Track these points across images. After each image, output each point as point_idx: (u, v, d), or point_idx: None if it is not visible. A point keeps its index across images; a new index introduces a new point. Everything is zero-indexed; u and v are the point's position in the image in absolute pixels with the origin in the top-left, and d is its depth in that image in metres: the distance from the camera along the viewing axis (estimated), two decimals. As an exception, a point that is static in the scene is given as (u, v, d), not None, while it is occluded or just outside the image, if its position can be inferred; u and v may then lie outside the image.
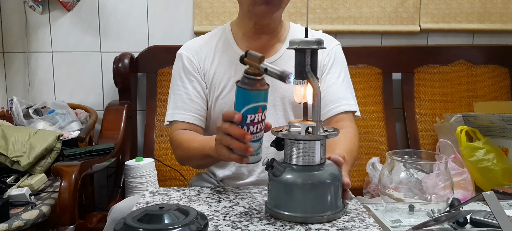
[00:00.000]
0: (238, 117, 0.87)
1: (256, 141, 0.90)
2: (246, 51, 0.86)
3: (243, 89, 0.87)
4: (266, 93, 0.88)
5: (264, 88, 0.87)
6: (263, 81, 0.87)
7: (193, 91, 1.24)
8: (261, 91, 0.87)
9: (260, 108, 0.88)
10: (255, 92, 0.86)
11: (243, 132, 0.87)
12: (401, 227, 0.86)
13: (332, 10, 2.15)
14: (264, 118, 0.90)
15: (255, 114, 0.88)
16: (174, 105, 1.25)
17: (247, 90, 0.86)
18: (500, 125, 1.74)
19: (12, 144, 1.66)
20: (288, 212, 0.83)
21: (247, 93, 0.87)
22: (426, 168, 0.91)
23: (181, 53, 1.28)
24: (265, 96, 0.88)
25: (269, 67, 0.83)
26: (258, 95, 0.87)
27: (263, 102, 0.88)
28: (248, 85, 0.86)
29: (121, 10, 2.13)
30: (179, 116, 1.23)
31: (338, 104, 1.22)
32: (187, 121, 1.23)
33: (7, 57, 2.17)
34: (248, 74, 0.86)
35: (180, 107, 1.24)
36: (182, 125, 1.23)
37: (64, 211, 1.43)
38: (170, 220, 0.73)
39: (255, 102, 0.87)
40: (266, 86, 0.88)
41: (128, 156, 2.02)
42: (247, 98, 0.87)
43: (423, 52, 2.15)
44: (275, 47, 1.26)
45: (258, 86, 0.86)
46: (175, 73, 1.28)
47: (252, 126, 0.88)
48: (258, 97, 0.87)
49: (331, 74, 1.25)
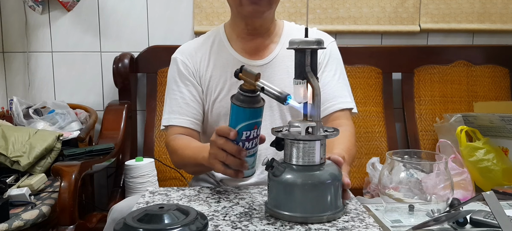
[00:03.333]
0: (234, 134, 0.86)
1: (251, 155, 0.90)
2: (241, 67, 0.84)
3: (238, 107, 0.84)
4: (261, 110, 0.86)
5: (260, 106, 0.85)
6: (258, 97, 0.85)
7: (188, 95, 1.24)
8: (257, 109, 0.85)
9: (255, 124, 0.87)
10: (250, 110, 0.85)
11: (238, 148, 0.87)
12: (401, 227, 0.86)
13: (332, 10, 2.15)
14: (259, 133, 0.89)
15: (250, 131, 0.87)
16: (169, 110, 1.25)
17: (243, 108, 0.84)
18: (500, 125, 1.74)
19: (12, 144, 1.66)
20: (288, 212, 0.83)
21: (242, 111, 0.85)
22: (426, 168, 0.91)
23: (176, 57, 1.27)
24: (260, 113, 0.86)
25: (266, 86, 0.81)
26: (254, 112, 0.85)
27: (258, 119, 0.87)
28: (244, 102, 0.84)
29: (121, 10, 2.13)
30: (175, 120, 1.23)
31: (334, 102, 1.22)
32: (183, 125, 1.22)
33: (7, 57, 2.17)
34: (244, 91, 0.84)
35: (176, 112, 1.23)
36: (178, 129, 1.22)
37: (64, 211, 1.43)
38: (170, 220, 0.73)
39: (251, 119, 0.86)
40: (262, 102, 0.85)
41: (128, 156, 2.02)
42: (243, 116, 0.85)
43: (423, 52, 2.15)
44: (270, 48, 1.25)
45: (254, 104, 0.84)
46: (170, 77, 1.27)
47: (247, 142, 0.88)
48: (254, 114, 0.86)
49: (326, 72, 1.24)
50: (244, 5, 1.14)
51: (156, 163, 1.89)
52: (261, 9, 1.15)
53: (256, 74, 0.82)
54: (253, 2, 1.13)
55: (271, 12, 1.20)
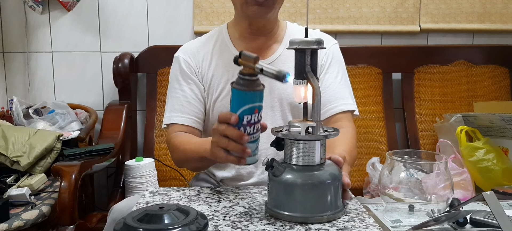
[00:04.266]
0: (235, 118, 0.86)
1: (253, 141, 0.90)
2: (240, 52, 0.85)
3: (238, 91, 0.86)
4: (261, 93, 0.87)
5: (260, 89, 0.87)
6: (258, 81, 0.86)
7: (190, 94, 1.24)
8: (256, 92, 0.86)
9: (256, 108, 0.87)
10: (250, 93, 0.86)
11: (240, 133, 0.87)
12: (401, 227, 0.86)
13: (332, 10, 2.15)
14: (260, 118, 0.89)
15: (251, 115, 0.87)
16: (171, 108, 1.25)
17: (243, 91, 0.85)
18: (500, 125, 1.74)
19: (12, 144, 1.66)
20: (288, 212, 0.83)
21: (242, 94, 0.86)
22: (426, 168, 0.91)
23: (178, 56, 1.27)
24: (260, 96, 0.87)
25: (265, 68, 0.82)
26: (254, 96, 0.86)
27: (259, 102, 0.87)
28: (243, 86, 0.85)
29: (121, 10, 2.13)
30: (176, 118, 1.23)
31: (336, 104, 1.22)
32: (184, 123, 1.22)
33: (7, 57, 2.17)
34: (243, 75, 0.85)
35: (178, 110, 1.23)
36: (179, 127, 1.22)
37: (64, 211, 1.43)
38: (170, 220, 0.73)
39: (251, 103, 0.86)
40: (261, 86, 0.87)
41: (128, 156, 2.02)
42: (243, 99, 0.86)
43: (423, 52, 2.15)
44: (272, 48, 1.25)
45: (253, 87, 0.85)
46: (173, 76, 1.27)
47: (248, 127, 0.88)
48: (254, 98, 0.86)
49: (329, 74, 1.24)
50: (249, 5, 1.14)
51: (156, 163, 1.89)
52: (266, 10, 1.16)
53: (255, 57, 0.83)
54: (259, 3, 1.14)
55: (275, 13, 1.21)
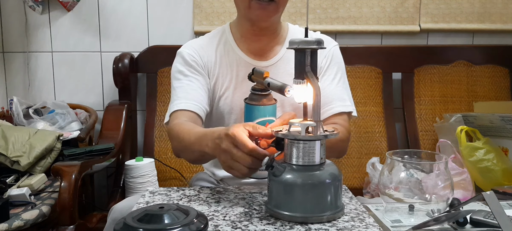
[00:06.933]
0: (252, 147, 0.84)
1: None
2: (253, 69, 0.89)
3: (251, 106, 0.93)
4: (274, 108, 0.92)
5: (271, 103, 0.91)
6: (270, 96, 0.91)
7: (196, 83, 1.20)
8: (268, 106, 0.90)
9: (267, 122, 0.90)
10: (262, 107, 0.90)
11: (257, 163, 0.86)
12: (401, 227, 0.86)
13: (332, 10, 2.15)
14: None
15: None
16: (175, 98, 1.20)
17: (255, 106, 0.92)
18: (500, 125, 1.74)
19: (12, 144, 1.66)
20: (288, 212, 0.83)
21: (255, 109, 0.92)
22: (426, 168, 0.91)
23: (182, 50, 1.25)
24: (272, 111, 0.91)
25: (272, 82, 0.88)
26: (265, 110, 0.91)
27: (270, 116, 0.91)
28: (255, 101, 0.92)
29: (121, 10, 2.13)
30: (180, 104, 1.17)
31: (331, 106, 1.21)
32: (187, 108, 1.16)
33: (7, 57, 2.17)
34: (255, 91, 0.92)
35: (181, 97, 1.18)
36: (182, 113, 1.16)
37: (64, 211, 1.43)
38: (170, 220, 0.73)
39: (263, 116, 0.90)
40: (273, 101, 0.91)
41: (128, 156, 2.02)
42: (255, 113, 0.91)
43: (423, 52, 2.15)
44: (275, 50, 1.25)
45: (264, 101, 0.91)
46: (175, 69, 1.24)
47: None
48: (265, 111, 0.91)
49: (326, 75, 1.24)
50: (252, 8, 1.14)
51: (156, 163, 1.89)
52: (270, 14, 1.15)
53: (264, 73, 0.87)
54: (262, 7, 1.13)
55: (278, 15, 1.21)
